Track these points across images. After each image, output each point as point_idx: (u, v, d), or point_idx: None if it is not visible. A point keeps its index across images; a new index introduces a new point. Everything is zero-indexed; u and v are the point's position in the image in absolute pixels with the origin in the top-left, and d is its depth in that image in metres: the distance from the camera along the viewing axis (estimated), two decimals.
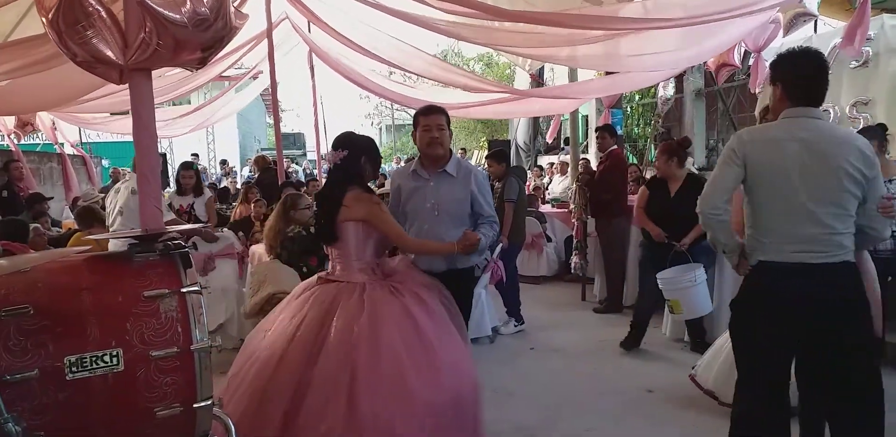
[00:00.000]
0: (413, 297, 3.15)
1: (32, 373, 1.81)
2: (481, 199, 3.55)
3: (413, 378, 2.84)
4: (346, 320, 2.97)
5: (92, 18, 2.35)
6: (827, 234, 2.60)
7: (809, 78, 2.68)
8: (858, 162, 2.58)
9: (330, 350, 2.89)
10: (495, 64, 24.70)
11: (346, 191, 3.26)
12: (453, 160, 3.58)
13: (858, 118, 5.75)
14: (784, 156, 2.62)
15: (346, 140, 3.37)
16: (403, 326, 2.99)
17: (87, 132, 14.02)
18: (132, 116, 2.58)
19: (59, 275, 1.99)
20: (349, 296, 3.09)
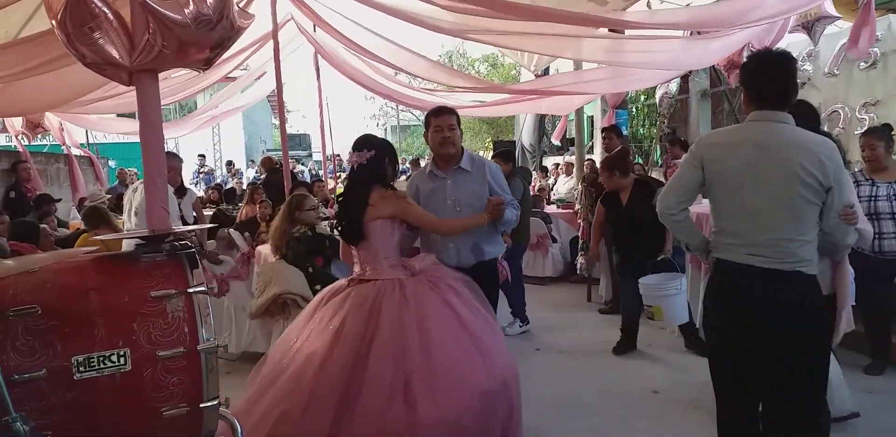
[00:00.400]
0: (450, 290, 3.24)
1: (40, 373, 1.82)
2: (497, 188, 3.70)
3: (466, 369, 2.95)
4: (392, 318, 3.03)
5: (99, 20, 2.35)
6: (778, 240, 2.56)
7: (771, 82, 2.65)
8: (815, 169, 2.52)
9: (380, 349, 2.93)
10: (501, 65, 24.70)
11: (370, 191, 3.31)
12: (466, 156, 3.73)
13: (866, 119, 5.73)
14: (738, 159, 2.61)
15: (370, 141, 3.45)
16: (447, 318, 3.10)
17: (93, 133, 14.07)
18: (139, 117, 2.59)
19: (66, 275, 2.00)
20: (390, 293, 3.14)
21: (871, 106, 5.75)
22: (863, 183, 4.40)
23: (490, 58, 25.35)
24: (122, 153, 16.78)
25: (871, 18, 4.89)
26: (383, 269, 3.28)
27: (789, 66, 2.69)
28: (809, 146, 2.56)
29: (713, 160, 2.68)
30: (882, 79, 5.67)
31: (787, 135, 2.61)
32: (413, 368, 2.87)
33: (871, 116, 5.69)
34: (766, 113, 2.64)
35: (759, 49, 2.78)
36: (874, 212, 4.33)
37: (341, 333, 3.00)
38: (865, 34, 4.95)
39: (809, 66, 6.51)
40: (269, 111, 35.86)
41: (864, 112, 5.78)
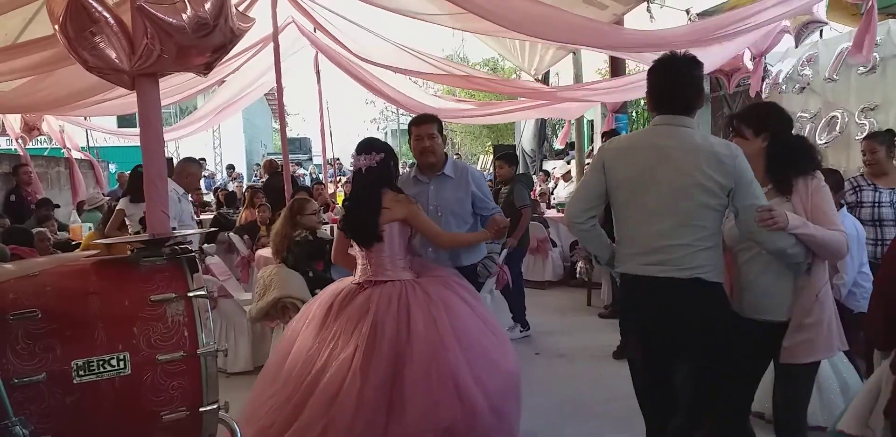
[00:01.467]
0: (459, 287, 3.38)
1: (40, 377, 1.82)
2: (481, 194, 3.76)
3: (497, 355, 3.15)
4: (424, 316, 3.10)
5: (99, 24, 2.36)
6: (673, 246, 2.52)
7: (667, 86, 2.62)
8: (715, 172, 2.47)
9: (420, 348, 3.00)
10: (501, 69, 24.72)
11: (381, 194, 3.36)
12: (449, 163, 3.78)
13: (866, 124, 5.72)
14: (637, 164, 2.59)
15: (378, 144, 3.50)
16: (468, 313, 3.22)
17: (94, 136, 14.07)
18: (139, 121, 2.59)
19: (67, 279, 2.00)
20: (413, 293, 3.21)
21: (869, 111, 5.74)
22: (865, 188, 4.38)
23: (490, 62, 25.39)
24: (123, 157, 16.79)
25: (874, 24, 4.90)
26: (398, 270, 3.34)
27: (690, 71, 2.62)
28: (709, 149, 2.51)
29: (614, 165, 2.66)
30: (881, 84, 5.67)
31: (687, 139, 2.56)
32: (456, 362, 2.97)
33: (870, 121, 5.68)
34: (668, 117, 2.61)
35: (663, 55, 2.68)
36: (878, 218, 4.31)
37: (375, 337, 3.02)
38: (868, 40, 4.95)
39: (809, 70, 6.51)
40: (270, 115, 35.92)
41: (864, 117, 5.78)
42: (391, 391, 2.90)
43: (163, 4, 2.39)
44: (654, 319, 2.62)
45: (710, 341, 2.55)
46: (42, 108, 7.56)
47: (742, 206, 2.49)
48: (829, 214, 2.58)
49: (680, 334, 2.58)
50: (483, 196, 3.75)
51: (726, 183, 2.48)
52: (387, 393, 2.90)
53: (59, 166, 10.79)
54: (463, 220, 3.71)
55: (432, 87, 23.96)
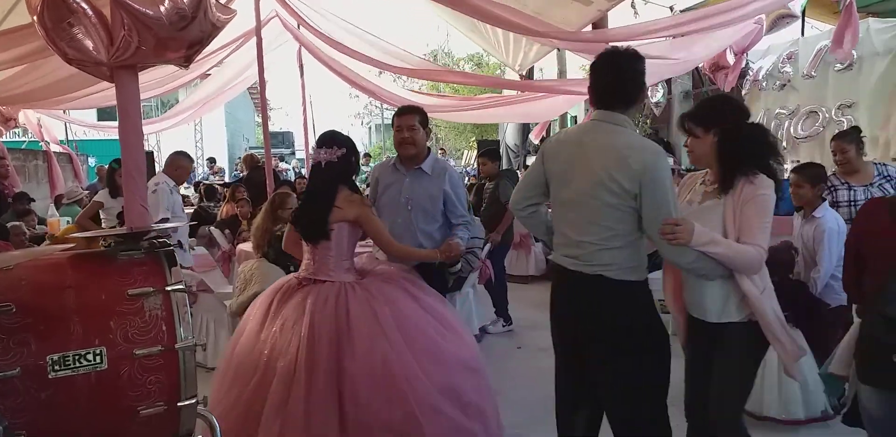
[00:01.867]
0: (406, 281, 3.30)
1: (14, 372, 1.80)
2: (454, 197, 3.66)
3: (449, 346, 3.10)
4: (365, 313, 3.03)
5: (77, 15, 2.33)
6: (583, 242, 2.54)
7: (609, 82, 2.59)
8: (619, 173, 2.42)
9: (363, 344, 2.94)
10: (485, 64, 24.69)
11: (337, 191, 3.27)
12: (430, 158, 3.71)
13: (843, 121, 5.79)
14: (563, 158, 2.61)
15: (339, 138, 3.38)
16: (410, 306, 3.16)
17: (73, 129, 13.91)
18: (118, 113, 2.57)
19: (42, 273, 1.98)
20: (353, 292, 3.14)
21: (847, 108, 5.81)
22: (839, 188, 4.43)
23: (475, 57, 25.33)
24: (102, 150, 16.59)
25: (854, 20, 4.94)
26: (339, 271, 3.25)
27: (631, 66, 2.58)
28: (622, 150, 2.46)
29: (549, 158, 2.69)
30: (858, 81, 5.74)
31: (605, 136, 2.54)
32: (403, 358, 2.92)
33: (848, 119, 5.76)
34: (602, 113, 2.60)
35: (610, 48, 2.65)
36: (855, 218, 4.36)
37: (314, 338, 2.95)
38: (849, 35, 5.01)
39: (790, 68, 6.57)
40: (252, 109, 35.68)
41: (841, 114, 5.84)
42: (339, 395, 2.85)
43: None
44: (563, 310, 2.72)
45: (612, 337, 2.57)
46: (20, 101, 7.46)
47: (644, 214, 2.44)
48: (755, 227, 2.45)
49: (583, 327, 2.64)
50: (455, 199, 3.65)
51: (629, 187, 2.42)
52: (335, 397, 2.85)
53: (37, 160, 10.66)
54: (432, 218, 3.64)
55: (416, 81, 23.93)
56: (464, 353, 3.15)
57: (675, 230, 2.35)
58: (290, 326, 3.04)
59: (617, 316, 2.55)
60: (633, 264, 2.55)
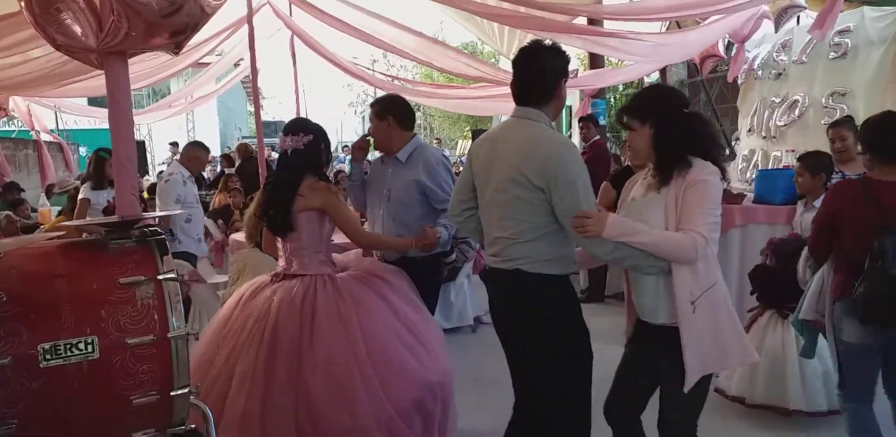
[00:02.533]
0: (382, 283, 3.18)
1: (5, 361, 1.78)
2: (431, 185, 3.47)
3: (411, 361, 2.96)
4: (330, 313, 2.94)
5: (65, 1, 2.30)
6: (499, 238, 2.56)
7: (516, 78, 2.60)
8: (529, 169, 2.43)
9: (323, 346, 2.86)
10: (480, 53, 24.62)
11: (301, 179, 3.16)
12: (407, 147, 3.54)
13: (836, 109, 5.77)
14: (482, 157, 2.62)
15: (306, 125, 3.30)
16: (384, 313, 3.04)
17: (63, 119, 13.82)
18: (108, 101, 2.54)
19: (33, 262, 1.96)
20: (322, 288, 3.04)
21: (839, 96, 5.79)
22: (834, 177, 4.42)
23: (469, 46, 25.27)
24: (93, 139, 16.49)
25: (838, 4, 4.95)
26: (312, 264, 3.16)
27: (538, 62, 2.56)
28: (530, 144, 2.48)
29: (473, 158, 2.71)
30: (851, 69, 5.72)
31: (518, 132, 2.55)
32: (362, 362, 2.84)
33: (841, 107, 5.73)
34: (519, 109, 2.60)
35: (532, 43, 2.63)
36: None
37: (277, 335, 2.89)
38: (831, 19, 5.03)
39: (784, 56, 6.54)
40: (245, 98, 35.48)
41: (833, 102, 5.82)
42: (296, 405, 2.80)
43: None
44: (492, 308, 2.78)
45: (528, 333, 2.58)
46: (9, 89, 7.41)
47: (555, 207, 2.43)
48: (693, 213, 2.36)
49: (504, 323, 2.69)
50: (433, 186, 3.47)
51: (538, 182, 2.43)
52: (292, 407, 2.79)
53: (28, 149, 10.59)
54: (409, 208, 3.48)
55: (409, 69, 23.84)
56: (429, 369, 3.02)
57: (584, 223, 2.34)
58: (251, 327, 2.96)
59: (532, 310, 2.56)
60: (549, 257, 2.52)
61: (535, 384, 2.66)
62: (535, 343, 2.58)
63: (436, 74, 22.64)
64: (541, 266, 2.51)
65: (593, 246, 2.39)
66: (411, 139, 3.58)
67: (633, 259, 2.39)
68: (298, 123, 3.33)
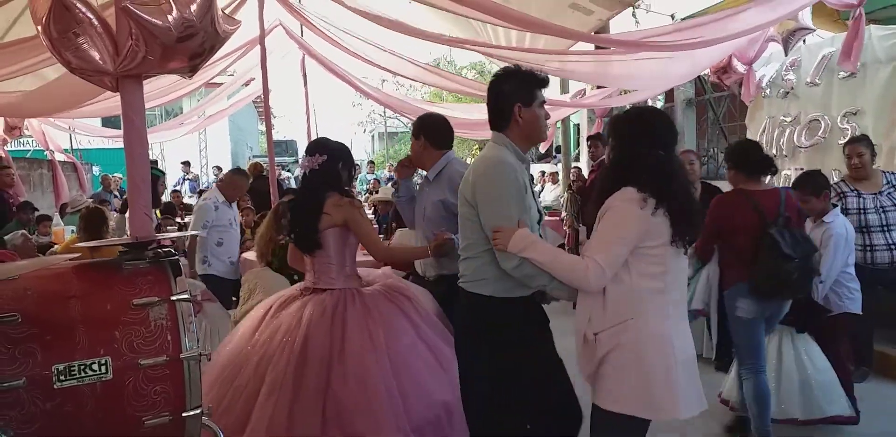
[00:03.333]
0: (406, 300, 3.23)
1: (20, 382, 1.80)
2: (454, 200, 3.36)
3: (431, 380, 2.99)
4: (360, 328, 3.01)
5: (83, 25, 2.34)
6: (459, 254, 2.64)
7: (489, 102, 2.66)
8: (467, 188, 2.53)
9: (353, 359, 2.92)
10: (488, 73, 24.76)
11: (325, 198, 3.23)
12: (437, 165, 3.54)
13: (848, 128, 5.78)
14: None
15: (323, 145, 3.38)
16: (407, 330, 3.09)
17: (77, 139, 13.96)
18: (123, 123, 2.57)
19: (47, 283, 1.98)
20: (352, 303, 3.11)
21: (852, 115, 5.80)
22: (849, 194, 4.40)
23: (477, 65, 25.43)
24: (107, 159, 16.67)
25: (862, 31, 4.94)
26: (339, 278, 3.23)
27: (491, 87, 2.64)
28: (473, 165, 2.62)
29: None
30: (862, 89, 5.73)
31: (480, 154, 2.69)
32: (387, 377, 2.89)
33: (852, 126, 5.74)
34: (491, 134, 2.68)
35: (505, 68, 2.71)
36: (864, 225, 4.33)
37: (307, 346, 2.95)
38: (858, 46, 5.00)
39: (793, 75, 6.56)
40: (256, 117, 35.73)
41: (846, 122, 5.83)
42: (323, 414, 2.84)
43: (148, 5, 2.38)
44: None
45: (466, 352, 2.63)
46: (24, 112, 7.51)
47: (483, 225, 2.47)
48: (595, 239, 2.35)
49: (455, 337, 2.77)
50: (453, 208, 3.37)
51: (472, 200, 2.51)
52: (319, 415, 2.83)
53: (42, 169, 10.69)
54: (437, 225, 3.45)
55: (418, 88, 23.99)
56: (445, 389, 3.01)
57: (496, 236, 2.38)
58: (281, 337, 3.01)
59: (468, 329, 2.61)
60: (485, 277, 2.51)
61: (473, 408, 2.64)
62: (472, 364, 2.59)
63: (444, 93, 22.77)
64: (475, 286, 2.54)
65: (503, 260, 2.40)
66: (442, 157, 3.56)
67: (539, 279, 2.38)
68: (316, 143, 3.42)
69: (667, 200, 2.25)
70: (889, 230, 4.34)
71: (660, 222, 2.25)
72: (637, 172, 2.30)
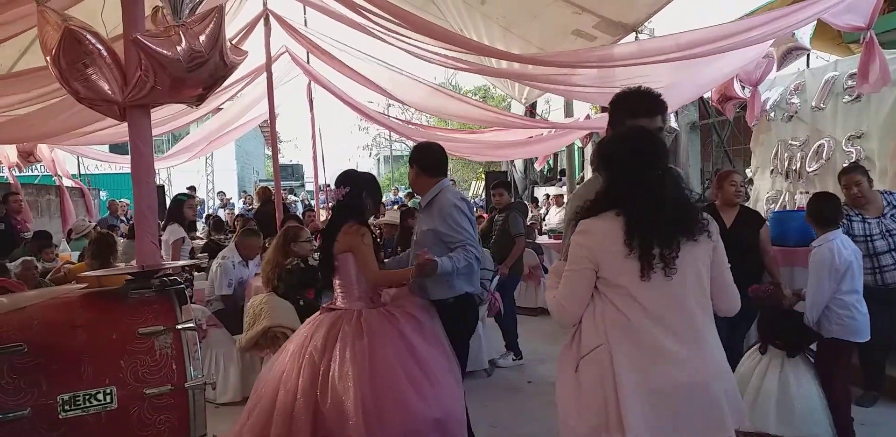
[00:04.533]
0: (408, 319, 3.37)
1: (25, 412, 1.80)
2: (443, 229, 3.47)
3: (411, 396, 3.09)
4: (348, 344, 3.21)
5: (92, 56, 2.38)
6: None
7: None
8: None
9: (335, 373, 3.12)
10: (491, 97, 24.97)
11: (342, 225, 3.49)
12: (428, 194, 3.60)
13: (853, 151, 5.79)
14: None
15: (347, 177, 3.64)
16: (399, 349, 3.23)
17: (84, 163, 14.07)
18: (131, 152, 2.60)
19: (54, 312, 1.99)
20: (349, 322, 3.33)
21: (856, 139, 5.81)
22: (854, 219, 4.38)
23: (481, 90, 25.65)
24: (114, 184, 16.78)
25: (877, 52, 4.94)
26: (351, 300, 3.48)
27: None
28: None
29: None
30: (866, 112, 5.74)
31: None
32: (365, 389, 3.06)
33: (857, 149, 5.75)
34: None
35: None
36: (873, 252, 4.31)
37: (304, 358, 3.23)
38: (875, 69, 5.00)
39: (797, 99, 6.59)
40: (262, 142, 36.00)
41: (851, 145, 5.84)
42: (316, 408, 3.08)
43: (158, 37, 2.42)
44: None
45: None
46: (34, 138, 7.59)
47: None
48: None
49: None
50: (446, 230, 3.47)
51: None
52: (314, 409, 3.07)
53: (50, 194, 10.76)
54: (434, 252, 3.45)
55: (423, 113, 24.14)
56: (431, 405, 3.11)
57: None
58: (295, 350, 3.34)
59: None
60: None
61: None
62: None
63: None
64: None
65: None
66: (435, 185, 3.61)
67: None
68: (343, 175, 3.66)
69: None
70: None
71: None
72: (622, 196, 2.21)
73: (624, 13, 5.89)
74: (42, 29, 2.47)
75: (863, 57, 5.01)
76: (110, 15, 2.65)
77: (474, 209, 3.98)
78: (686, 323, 2.22)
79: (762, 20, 4.53)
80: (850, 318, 3.70)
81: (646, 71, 5.35)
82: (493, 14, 6.44)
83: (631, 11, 5.86)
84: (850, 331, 3.71)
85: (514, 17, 6.43)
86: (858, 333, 3.73)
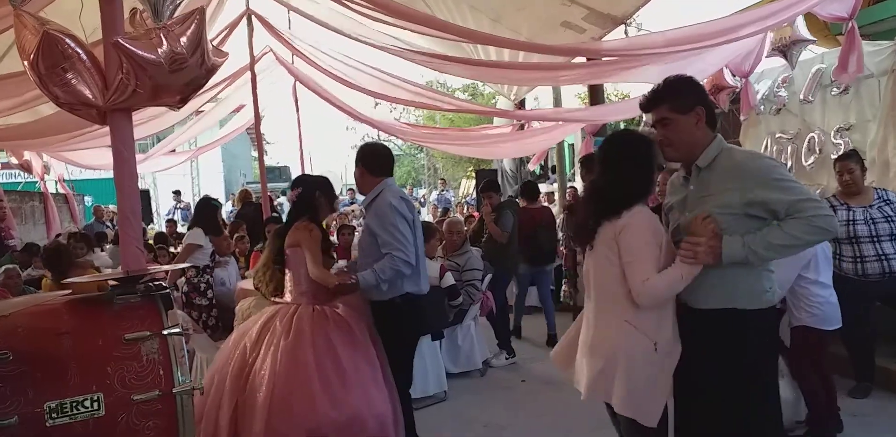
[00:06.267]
0: (339, 323, 3.51)
1: (12, 420, 1.78)
2: (378, 230, 3.51)
3: (319, 394, 3.22)
4: (273, 341, 3.39)
5: (72, 60, 2.35)
6: None
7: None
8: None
9: (258, 366, 3.33)
10: (480, 94, 24.94)
11: (294, 223, 3.71)
12: (371, 193, 3.69)
13: (841, 143, 5.81)
14: None
15: (299, 180, 4.00)
16: (320, 349, 3.36)
17: (69, 169, 13.94)
18: (114, 156, 2.57)
19: (38, 320, 1.96)
20: (281, 319, 3.48)
21: (844, 131, 5.83)
22: (838, 208, 4.41)
23: (469, 88, 25.60)
24: (99, 189, 16.62)
25: (857, 43, 4.99)
26: (295, 294, 3.65)
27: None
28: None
29: None
30: (855, 104, 5.76)
31: None
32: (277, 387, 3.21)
33: (845, 141, 5.77)
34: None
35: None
36: (853, 236, 4.33)
37: (245, 349, 3.43)
38: (853, 59, 5.05)
39: (784, 92, 6.60)
40: (249, 144, 35.80)
41: (839, 137, 5.86)
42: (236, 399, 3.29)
43: (139, 40, 2.39)
44: None
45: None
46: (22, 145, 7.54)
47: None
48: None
49: None
50: (377, 230, 3.51)
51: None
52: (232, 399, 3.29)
53: (34, 201, 10.66)
54: (367, 252, 3.62)
55: (412, 111, 24.12)
56: (336, 406, 3.22)
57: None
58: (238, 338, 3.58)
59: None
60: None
61: None
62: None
63: (438, 116, 22.88)
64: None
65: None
66: (378, 184, 3.68)
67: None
68: (296, 179, 3.96)
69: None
70: (879, 241, 4.34)
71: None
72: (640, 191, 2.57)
73: (613, 5, 5.89)
74: (20, 33, 2.44)
75: (844, 47, 5.04)
76: (88, 18, 2.62)
77: (417, 209, 3.96)
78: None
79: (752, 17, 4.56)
80: (818, 306, 3.73)
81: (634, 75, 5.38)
82: (482, 6, 6.43)
83: (619, 3, 5.87)
84: (819, 319, 3.74)
85: (503, 9, 6.42)
86: (827, 321, 3.76)
